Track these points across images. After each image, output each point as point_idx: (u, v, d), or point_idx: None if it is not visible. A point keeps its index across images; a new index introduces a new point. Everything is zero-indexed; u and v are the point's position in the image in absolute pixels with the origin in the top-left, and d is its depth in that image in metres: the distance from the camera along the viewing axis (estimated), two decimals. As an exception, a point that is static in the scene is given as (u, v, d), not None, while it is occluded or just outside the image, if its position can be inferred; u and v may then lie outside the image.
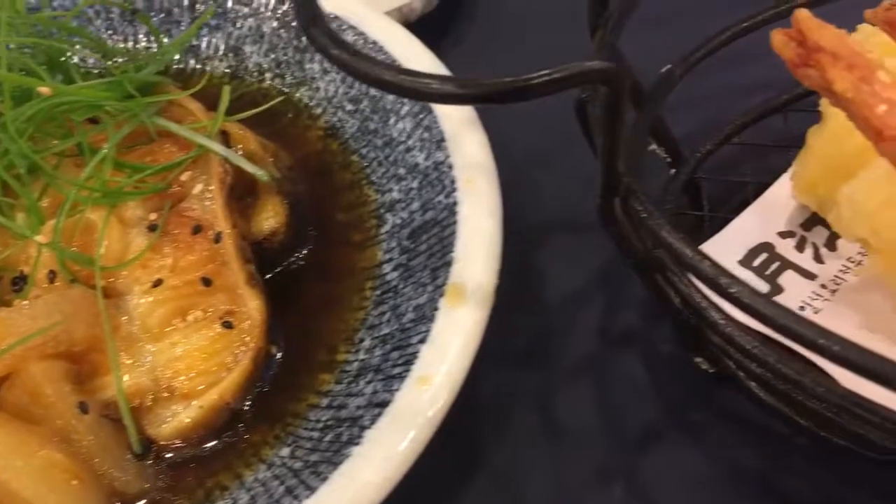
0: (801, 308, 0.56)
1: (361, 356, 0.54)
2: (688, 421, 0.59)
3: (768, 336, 0.52)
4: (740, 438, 0.57)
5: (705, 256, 0.42)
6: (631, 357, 0.62)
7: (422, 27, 0.82)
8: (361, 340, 0.56)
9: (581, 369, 0.62)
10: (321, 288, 0.61)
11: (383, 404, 0.48)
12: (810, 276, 0.58)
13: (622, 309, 0.64)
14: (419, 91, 0.38)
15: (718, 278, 0.41)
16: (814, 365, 0.51)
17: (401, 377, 0.49)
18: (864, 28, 0.57)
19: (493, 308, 0.53)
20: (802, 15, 0.43)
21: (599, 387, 0.61)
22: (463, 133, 0.60)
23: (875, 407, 0.46)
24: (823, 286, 0.58)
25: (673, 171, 0.64)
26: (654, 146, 0.64)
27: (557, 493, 0.56)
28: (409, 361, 0.50)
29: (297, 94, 0.71)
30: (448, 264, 0.53)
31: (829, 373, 0.50)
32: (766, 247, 0.60)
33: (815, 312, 0.56)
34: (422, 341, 0.50)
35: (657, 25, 0.74)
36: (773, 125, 0.67)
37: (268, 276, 0.61)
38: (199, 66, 0.75)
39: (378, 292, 0.58)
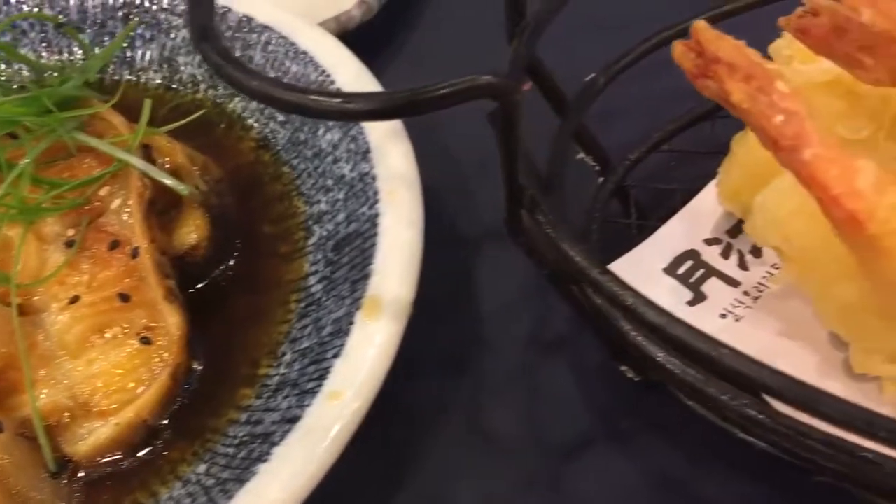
0: (723, 316, 0.57)
1: (282, 370, 0.54)
2: (616, 429, 0.59)
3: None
4: (668, 446, 0.57)
5: (604, 270, 0.42)
6: (560, 365, 0.62)
7: (362, 35, 0.82)
8: (283, 354, 0.55)
9: (510, 378, 0.62)
10: (247, 301, 0.60)
11: (294, 420, 0.48)
12: (734, 283, 0.58)
13: (552, 317, 0.64)
14: (305, 107, 0.38)
15: (614, 291, 0.41)
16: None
17: (313, 392, 0.49)
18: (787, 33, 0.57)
19: (424, 317, 0.53)
20: (700, 26, 0.43)
21: (528, 396, 0.61)
22: (388, 144, 0.60)
23: (784, 418, 0.46)
24: (746, 293, 0.58)
25: (601, 179, 0.64)
26: (581, 154, 0.64)
27: (485, 504, 0.56)
28: (322, 376, 0.49)
29: (231, 105, 0.71)
30: (367, 277, 0.53)
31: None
32: (691, 254, 0.60)
33: (737, 320, 0.56)
34: (336, 356, 0.50)
35: (592, 32, 0.75)
36: (703, 132, 0.67)
37: (194, 289, 0.60)
38: (133, 78, 0.74)
39: (302, 305, 0.58)
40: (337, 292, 0.55)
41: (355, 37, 0.80)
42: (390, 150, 0.59)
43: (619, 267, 0.59)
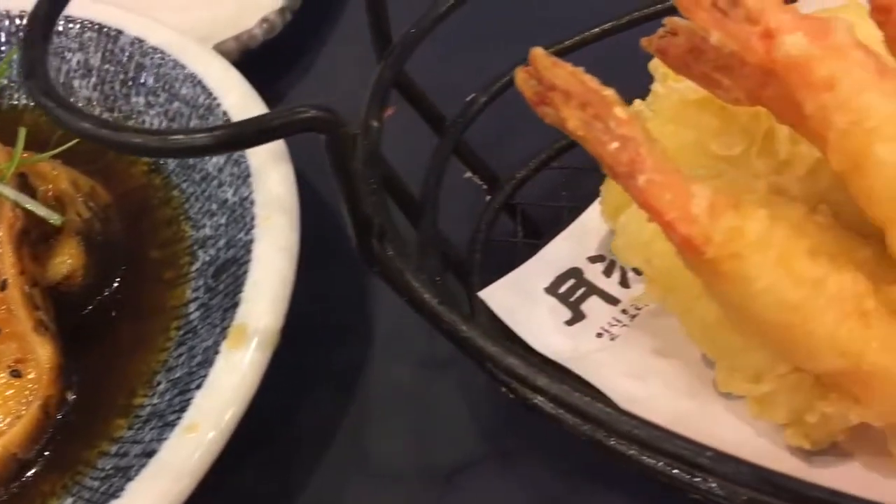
0: (599, 335, 0.57)
1: (154, 400, 0.54)
2: (500, 449, 0.59)
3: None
4: (549, 466, 0.57)
5: (443, 301, 0.42)
6: (447, 386, 0.61)
7: (267, 53, 0.81)
8: (158, 384, 0.55)
9: (398, 399, 0.62)
10: (130, 328, 0.60)
11: (151, 454, 0.47)
12: (614, 301, 0.59)
13: (440, 337, 0.64)
14: (119, 143, 0.37)
15: (451, 323, 0.41)
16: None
17: (173, 425, 0.48)
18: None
19: (313, 339, 0.52)
20: (536, 54, 0.43)
21: (415, 417, 0.61)
22: (268, 168, 0.59)
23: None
24: (625, 311, 0.58)
25: (488, 197, 0.64)
26: (468, 174, 0.64)
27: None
28: (183, 408, 0.49)
29: (124, 129, 0.71)
30: (236, 305, 0.53)
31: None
32: (574, 272, 0.60)
33: (612, 339, 0.56)
34: (199, 387, 0.50)
35: (485, 49, 0.75)
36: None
37: (77, 316, 0.60)
38: (29, 103, 0.74)
39: (181, 332, 0.57)
40: (211, 320, 0.55)
41: (260, 56, 0.80)
42: (270, 174, 0.59)
43: (500, 287, 0.59)
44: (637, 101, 0.61)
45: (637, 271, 0.59)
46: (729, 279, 0.43)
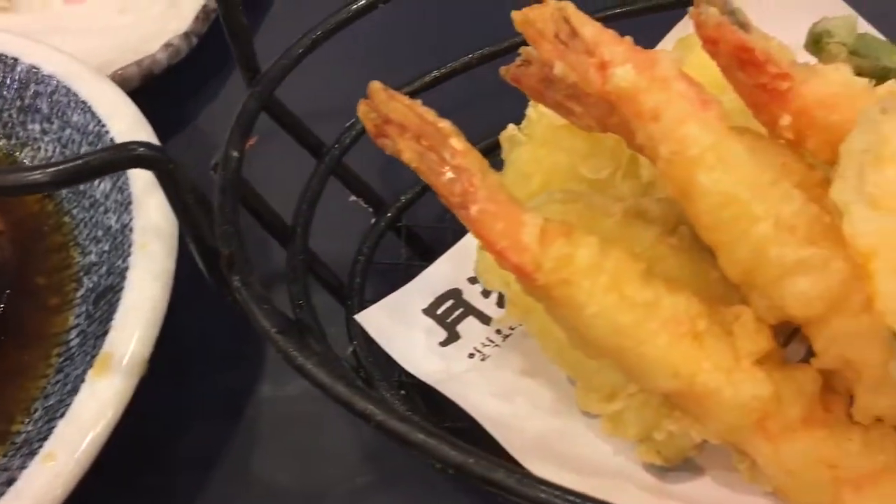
0: (471, 355, 0.58)
1: (29, 428, 0.54)
2: (385, 470, 0.60)
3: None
4: (433, 486, 0.58)
5: (281, 331, 0.43)
6: (331, 412, 0.62)
7: (172, 78, 0.82)
8: (35, 411, 0.56)
9: (286, 422, 0.63)
10: (13, 354, 0.60)
11: (11, 482, 0.48)
12: (489, 321, 0.60)
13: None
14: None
15: (286, 350, 0.42)
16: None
17: (35, 453, 0.49)
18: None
19: (196, 366, 0.52)
20: (373, 87, 0.45)
21: (302, 439, 0.62)
22: (149, 194, 0.60)
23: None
24: (499, 331, 0.59)
25: (373, 220, 0.65)
26: (353, 197, 0.65)
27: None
28: (46, 437, 0.50)
29: (20, 155, 0.71)
30: (106, 332, 0.54)
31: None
32: (454, 293, 0.61)
33: (483, 359, 0.58)
34: (62, 416, 0.50)
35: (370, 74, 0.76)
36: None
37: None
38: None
39: (61, 359, 0.58)
40: (86, 347, 0.56)
41: (164, 81, 0.81)
42: (150, 200, 0.60)
43: (378, 309, 0.60)
44: (511, 126, 0.62)
45: (507, 293, 0.61)
46: (562, 304, 0.45)
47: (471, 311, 0.60)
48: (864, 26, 0.65)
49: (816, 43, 0.56)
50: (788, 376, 0.45)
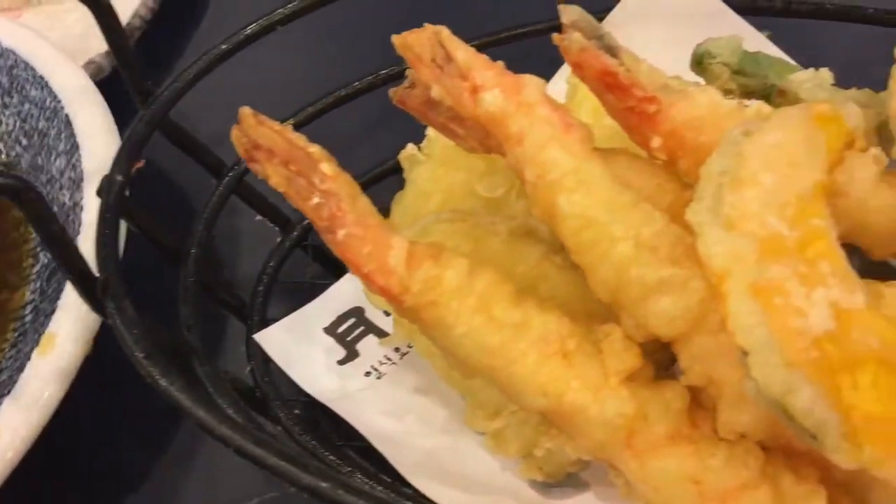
0: (368, 373, 0.58)
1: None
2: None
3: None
4: None
5: (148, 356, 0.43)
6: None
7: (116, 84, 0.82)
8: (-9, 387, 0.56)
9: (191, 442, 0.63)
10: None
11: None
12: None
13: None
14: None
15: (151, 375, 0.42)
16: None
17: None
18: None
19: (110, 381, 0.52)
20: (244, 113, 0.45)
21: (209, 457, 0.62)
22: (99, 173, 0.60)
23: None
24: (397, 349, 0.60)
25: (279, 239, 0.66)
26: (259, 217, 0.66)
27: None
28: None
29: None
30: (54, 311, 0.54)
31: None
32: (355, 312, 0.62)
33: (379, 377, 0.58)
34: (7, 393, 0.51)
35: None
36: (393, 187, 0.68)
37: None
38: None
39: (16, 334, 0.58)
40: (37, 324, 0.56)
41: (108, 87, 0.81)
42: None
43: (278, 328, 0.60)
44: (410, 145, 0.63)
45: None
46: (431, 325, 0.45)
47: (371, 329, 0.61)
48: (765, 45, 0.67)
49: (699, 64, 0.57)
50: (656, 393, 0.46)
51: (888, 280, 0.50)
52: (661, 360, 0.50)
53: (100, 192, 0.50)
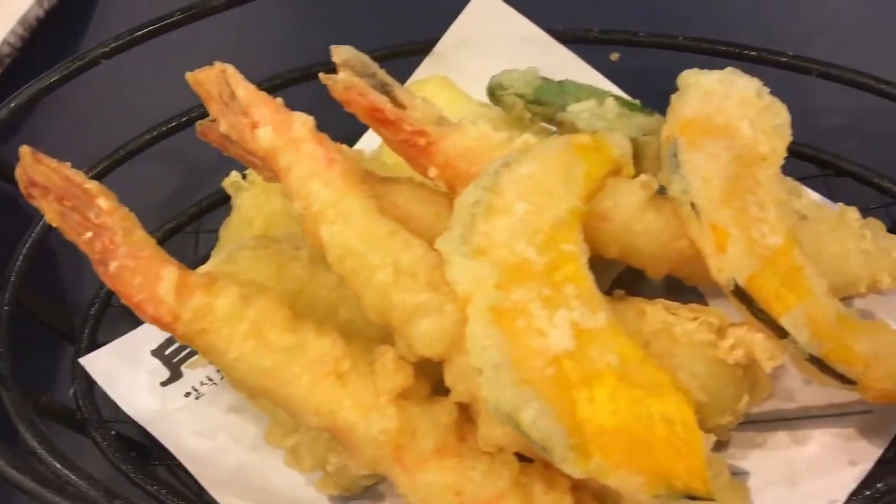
0: (188, 394, 0.61)
1: None
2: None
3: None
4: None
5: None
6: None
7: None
8: None
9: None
10: None
11: None
12: (213, 361, 0.63)
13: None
14: None
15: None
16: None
17: None
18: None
19: None
20: (22, 151, 0.47)
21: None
22: None
23: None
24: (219, 370, 0.62)
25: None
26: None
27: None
28: None
29: None
30: None
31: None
32: (184, 334, 0.64)
33: (197, 398, 0.60)
34: None
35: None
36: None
37: None
38: None
39: None
40: None
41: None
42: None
43: (105, 351, 0.62)
44: (234, 173, 0.65)
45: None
46: (206, 351, 0.48)
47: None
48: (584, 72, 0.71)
49: (492, 95, 0.60)
50: (426, 410, 0.49)
51: (691, 302, 0.54)
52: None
53: None
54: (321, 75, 0.50)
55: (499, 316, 0.45)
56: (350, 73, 0.50)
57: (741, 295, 0.50)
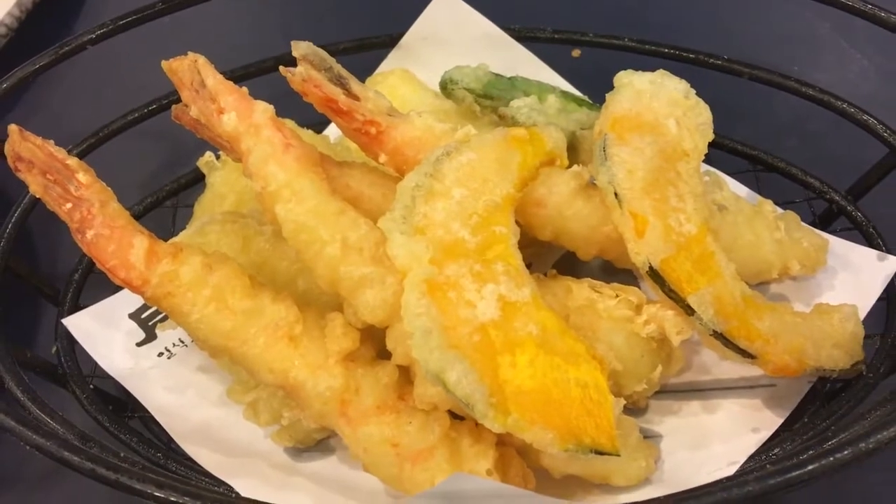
0: (161, 354, 0.66)
1: None
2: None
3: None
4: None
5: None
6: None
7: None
8: None
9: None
10: None
11: None
12: (185, 324, 0.68)
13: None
14: None
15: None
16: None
17: None
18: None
19: None
20: (11, 129, 0.53)
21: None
22: None
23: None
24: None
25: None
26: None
27: None
28: None
29: None
30: None
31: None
32: (160, 299, 0.70)
33: (169, 357, 0.66)
34: None
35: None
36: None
37: None
38: None
39: None
40: None
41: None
42: None
43: (87, 313, 0.68)
44: (208, 153, 0.71)
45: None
46: (172, 313, 0.54)
47: (172, 314, 0.69)
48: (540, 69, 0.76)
49: (444, 89, 0.65)
50: (369, 371, 0.55)
51: (622, 283, 0.60)
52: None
53: None
54: (281, 68, 0.55)
55: (432, 288, 0.50)
56: (308, 66, 0.55)
57: (655, 276, 0.55)
